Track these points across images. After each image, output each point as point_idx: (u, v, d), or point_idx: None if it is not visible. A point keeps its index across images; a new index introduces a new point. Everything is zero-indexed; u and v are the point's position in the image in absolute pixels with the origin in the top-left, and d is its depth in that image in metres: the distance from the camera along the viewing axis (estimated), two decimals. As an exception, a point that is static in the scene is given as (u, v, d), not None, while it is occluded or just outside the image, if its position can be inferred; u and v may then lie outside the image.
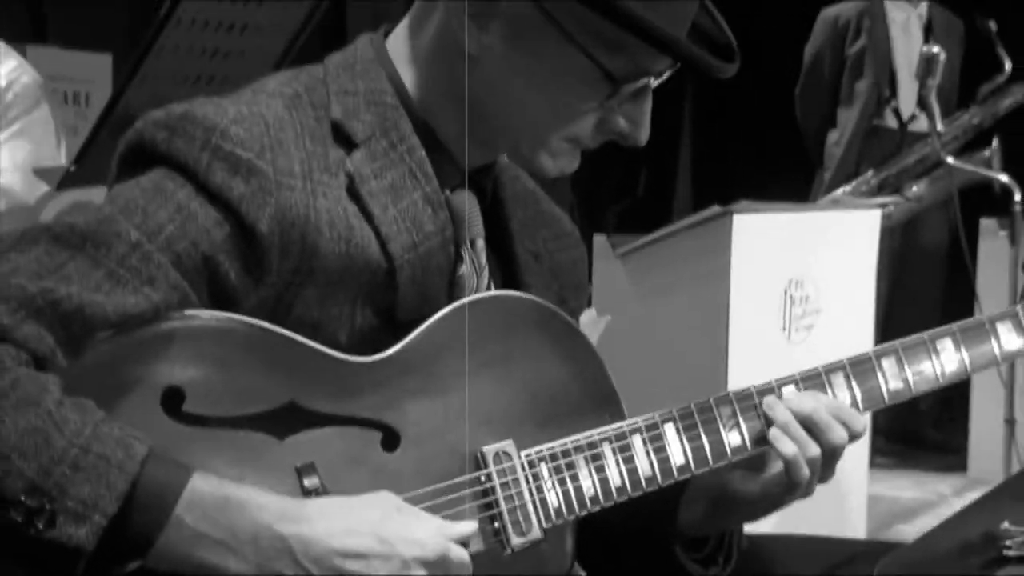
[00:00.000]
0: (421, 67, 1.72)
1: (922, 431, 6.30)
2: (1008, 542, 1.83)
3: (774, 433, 1.75)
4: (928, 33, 6.34)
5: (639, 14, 1.59)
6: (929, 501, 5.61)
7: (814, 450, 1.76)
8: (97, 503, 1.41)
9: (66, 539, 1.41)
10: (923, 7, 6.41)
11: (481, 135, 1.72)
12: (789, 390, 1.79)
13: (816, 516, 3.54)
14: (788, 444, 1.75)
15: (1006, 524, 1.85)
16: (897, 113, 6.31)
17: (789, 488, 1.78)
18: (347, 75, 1.72)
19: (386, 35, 1.76)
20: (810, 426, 1.76)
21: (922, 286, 6.37)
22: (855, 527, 4.46)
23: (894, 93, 6.33)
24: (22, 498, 1.40)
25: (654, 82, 1.69)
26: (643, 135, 1.72)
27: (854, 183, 6.07)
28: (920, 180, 5.99)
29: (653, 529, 1.82)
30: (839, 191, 6.00)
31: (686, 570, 1.86)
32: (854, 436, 1.79)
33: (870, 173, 6.10)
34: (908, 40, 6.35)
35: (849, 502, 4.42)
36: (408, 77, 1.73)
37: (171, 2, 2.89)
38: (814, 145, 6.50)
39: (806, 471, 1.76)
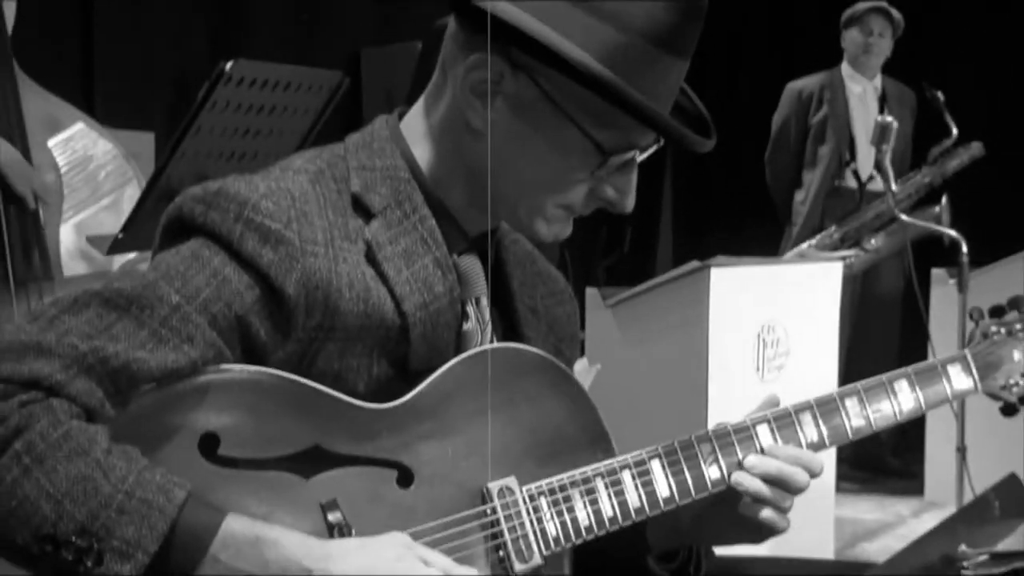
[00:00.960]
0: (432, 144, 1.73)
1: (882, 458, 6.28)
2: (965, 563, 1.82)
3: (747, 504, 1.75)
4: (883, 103, 6.36)
5: (629, 93, 1.60)
6: (890, 522, 5.59)
7: (787, 503, 1.76)
8: (140, 543, 1.42)
9: (113, 575, 1.41)
10: (878, 80, 6.44)
11: (484, 203, 1.72)
12: (763, 430, 1.79)
13: (789, 537, 3.52)
14: (765, 511, 1.75)
15: (963, 547, 1.84)
16: (856, 174, 6.32)
17: (771, 533, 1.78)
18: (365, 152, 1.72)
19: (400, 116, 1.77)
20: (777, 481, 1.75)
21: (880, 329, 6.36)
22: (824, 546, 4.44)
23: (853, 157, 6.34)
24: (73, 539, 1.40)
25: (639, 156, 1.70)
26: (629, 203, 1.72)
27: (818, 237, 6.07)
28: (877, 234, 5.99)
29: (625, 543, 1.80)
30: (805, 245, 6.00)
31: None
32: (815, 476, 1.78)
33: (832, 228, 6.10)
34: (865, 109, 6.37)
35: (818, 524, 4.40)
36: (420, 154, 1.73)
37: (208, 87, 2.90)
38: (782, 204, 6.51)
39: (784, 523, 1.77)
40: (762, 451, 1.77)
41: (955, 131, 5.91)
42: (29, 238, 2.89)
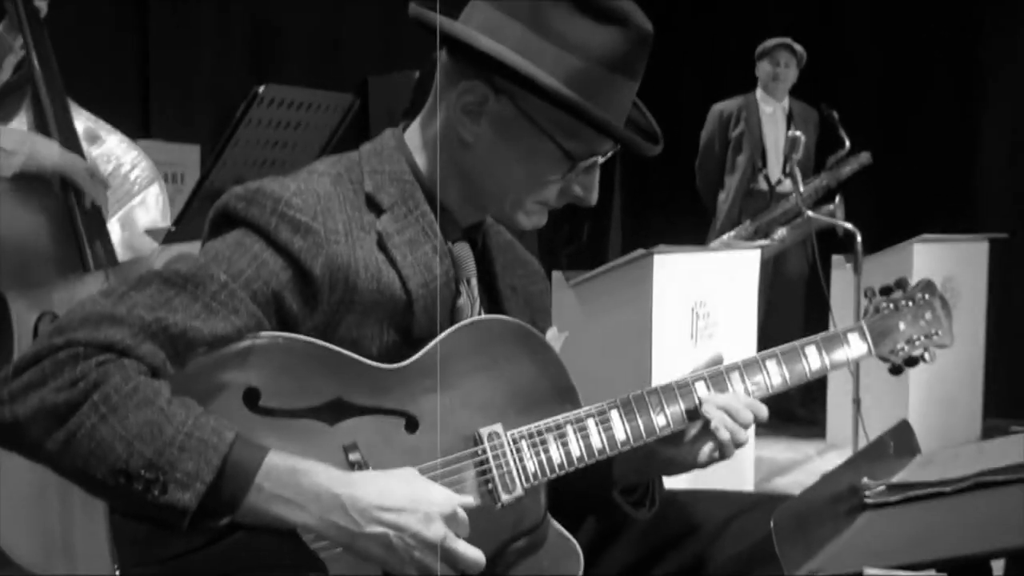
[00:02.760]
0: (430, 152, 1.72)
1: (792, 408, 6.30)
2: (867, 493, 1.83)
3: (716, 424, 1.76)
4: (790, 120, 6.37)
5: (591, 111, 1.60)
6: (798, 460, 5.61)
7: (742, 436, 1.77)
8: (198, 475, 1.41)
9: (175, 502, 1.40)
10: (786, 101, 6.44)
11: (474, 200, 1.72)
12: (700, 386, 1.79)
13: (716, 473, 3.53)
14: (724, 432, 1.76)
15: (865, 479, 1.85)
16: (767, 179, 6.33)
17: (720, 457, 1.79)
18: (376, 159, 1.71)
19: (404, 129, 1.76)
20: (731, 412, 1.76)
21: (789, 305, 6.37)
22: (745, 480, 4.46)
23: (765, 164, 6.35)
24: (142, 472, 1.40)
25: (601, 160, 1.70)
26: (594, 198, 1.72)
27: (736, 230, 6.08)
28: (785, 227, 6.01)
29: (596, 480, 1.80)
30: (726, 236, 6.01)
31: (621, 511, 1.85)
32: (759, 420, 1.80)
33: (748, 222, 6.11)
34: (775, 126, 6.38)
35: (740, 462, 4.42)
36: (420, 160, 1.72)
37: (244, 107, 2.88)
38: (708, 202, 6.52)
39: (733, 448, 1.78)
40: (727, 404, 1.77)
41: (848, 143, 5.95)
42: (98, 230, 2.87)
